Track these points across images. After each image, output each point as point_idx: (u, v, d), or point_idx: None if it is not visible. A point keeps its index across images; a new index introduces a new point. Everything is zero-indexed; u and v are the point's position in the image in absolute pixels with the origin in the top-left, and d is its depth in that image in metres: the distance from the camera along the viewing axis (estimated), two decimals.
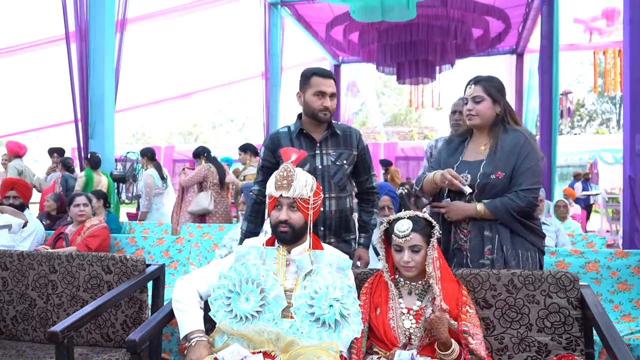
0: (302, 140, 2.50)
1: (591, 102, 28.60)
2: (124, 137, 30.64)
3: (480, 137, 2.36)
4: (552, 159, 7.98)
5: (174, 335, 3.03)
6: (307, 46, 11.73)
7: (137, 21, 8.40)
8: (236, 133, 33.63)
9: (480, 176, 2.23)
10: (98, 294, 2.51)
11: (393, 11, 6.45)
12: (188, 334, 1.85)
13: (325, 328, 1.84)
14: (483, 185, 2.22)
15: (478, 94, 2.28)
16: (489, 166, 2.23)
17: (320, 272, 1.91)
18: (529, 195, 2.18)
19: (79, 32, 5.78)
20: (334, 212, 2.47)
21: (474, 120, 2.30)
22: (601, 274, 3.11)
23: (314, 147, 2.49)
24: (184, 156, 14.38)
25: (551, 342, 2.00)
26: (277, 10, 9.34)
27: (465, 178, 2.25)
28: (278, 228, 1.94)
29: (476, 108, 2.28)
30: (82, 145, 5.91)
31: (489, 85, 2.29)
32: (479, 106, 2.28)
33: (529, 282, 2.05)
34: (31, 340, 2.58)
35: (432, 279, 1.90)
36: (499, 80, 2.35)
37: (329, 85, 2.45)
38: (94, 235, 3.58)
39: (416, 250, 1.91)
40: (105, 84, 5.85)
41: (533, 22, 9.26)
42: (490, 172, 2.21)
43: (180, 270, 3.67)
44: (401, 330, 1.90)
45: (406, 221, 1.93)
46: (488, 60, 11.64)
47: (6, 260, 2.66)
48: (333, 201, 2.47)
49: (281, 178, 1.94)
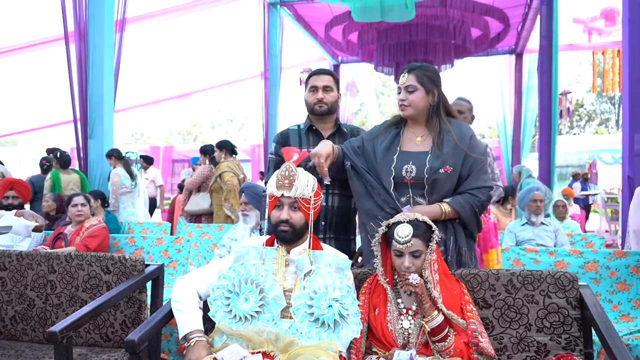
0: (310, 137, 2.56)
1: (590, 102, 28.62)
2: (123, 137, 30.64)
3: (415, 127, 2.27)
4: (551, 159, 7.97)
5: (172, 335, 3.03)
6: (307, 46, 11.72)
7: (136, 21, 8.39)
8: (235, 133, 33.63)
9: (428, 171, 2.14)
10: (97, 294, 2.51)
11: (392, 11, 6.46)
12: (187, 334, 1.85)
13: (325, 328, 1.83)
14: (433, 181, 2.14)
15: (411, 83, 2.19)
16: (436, 160, 2.15)
17: (320, 273, 1.91)
18: (488, 190, 2.19)
19: (78, 32, 5.77)
20: (336, 208, 2.50)
21: (406, 110, 2.22)
22: (600, 274, 3.11)
23: None
24: (183, 156, 14.38)
25: (550, 342, 2.00)
26: (276, 10, 9.34)
27: (410, 169, 2.17)
28: (279, 227, 1.94)
29: (409, 98, 2.20)
30: (81, 145, 5.91)
31: (422, 74, 2.19)
32: (411, 96, 2.19)
33: (528, 282, 2.05)
34: (30, 340, 2.58)
35: (429, 283, 1.89)
36: (434, 69, 2.26)
37: (321, 80, 2.53)
38: (93, 235, 3.58)
39: (417, 255, 1.88)
40: (104, 83, 5.84)
41: (532, 22, 9.26)
42: (438, 166, 2.14)
43: (180, 271, 3.67)
44: (400, 331, 1.90)
45: (406, 226, 1.88)
46: (487, 60, 11.63)
47: (5, 261, 2.66)
48: (336, 197, 2.50)
49: (283, 178, 1.94)
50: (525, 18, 9.40)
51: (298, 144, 2.54)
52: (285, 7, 9.36)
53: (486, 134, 28.29)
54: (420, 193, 2.17)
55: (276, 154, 2.59)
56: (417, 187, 2.16)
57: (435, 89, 2.21)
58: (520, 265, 3.23)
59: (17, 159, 16.32)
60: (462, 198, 2.15)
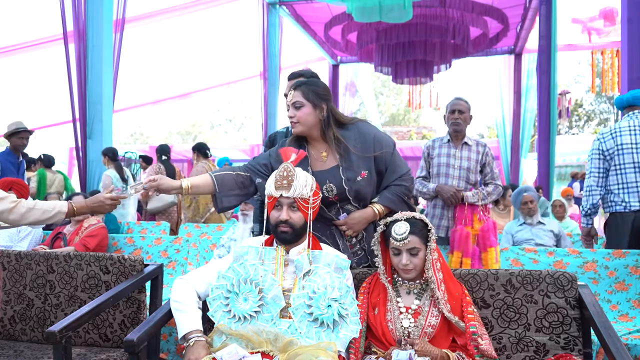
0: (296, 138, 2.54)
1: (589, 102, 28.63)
2: (122, 137, 30.61)
3: (316, 144, 2.24)
4: (550, 158, 8.00)
5: (172, 335, 3.03)
6: (306, 46, 11.73)
7: (136, 21, 8.40)
8: (234, 133, 33.62)
9: (347, 183, 2.15)
10: (96, 294, 2.50)
11: (391, 12, 6.47)
12: (186, 334, 1.84)
13: (324, 328, 1.83)
14: (356, 191, 2.16)
15: (297, 99, 2.16)
16: (349, 171, 2.16)
17: (319, 272, 1.91)
18: (409, 176, 2.25)
19: (77, 31, 5.78)
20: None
21: (296, 127, 2.19)
22: (599, 274, 3.11)
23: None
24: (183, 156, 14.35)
25: (549, 342, 2.00)
26: (276, 10, 9.34)
27: (330, 188, 2.16)
28: (278, 228, 1.94)
29: (297, 114, 2.16)
30: (80, 145, 5.91)
31: (307, 89, 2.16)
32: (299, 112, 2.16)
33: (527, 282, 2.05)
34: (29, 340, 2.57)
35: (433, 283, 1.90)
36: (322, 84, 2.23)
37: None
38: (92, 235, 3.58)
39: (414, 252, 1.90)
40: (103, 83, 5.85)
41: (531, 22, 9.27)
42: (353, 176, 2.15)
43: (179, 270, 3.67)
44: (400, 330, 1.90)
45: (403, 224, 1.91)
46: (486, 60, 11.64)
47: (4, 260, 2.65)
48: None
49: (281, 178, 1.94)
50: (524, 18, 9.41)
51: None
52: (284, 7, 9.37)
53: (485, 133, 28.30)
54: (346, 203, 2.21)
55: None
56: (342, 200, 2.20)
57: (324, 103, 2.17)
58: (519, 265, 3.23)
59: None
60: (389, 192, 2.21)
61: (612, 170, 3.40)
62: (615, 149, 3.37)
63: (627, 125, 3.38)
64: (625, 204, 3.31)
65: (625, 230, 3.31)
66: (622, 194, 3.33)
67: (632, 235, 3.30)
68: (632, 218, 3.29)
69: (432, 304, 1.92)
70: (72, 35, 5.80)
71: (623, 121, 3.44)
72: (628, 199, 3.30)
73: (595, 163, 3.48)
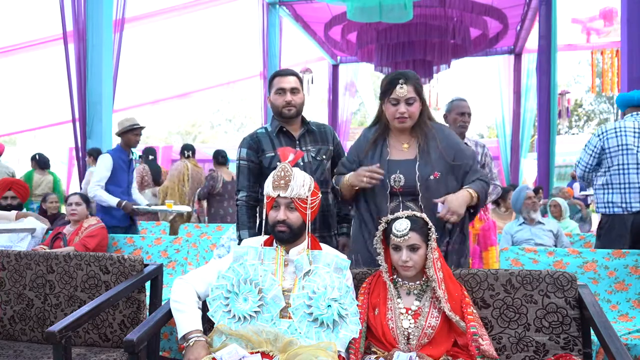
0: (281, 138, 2.56)
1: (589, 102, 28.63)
2: None
3: (400, 135, 2.26)
4: (550, 158, 8.00)
5: (172, 334, 3.03)
6: (305, 46, 11.72)
7: (135, 21, 8.39)
8: (234, 133, 33.60)
9: (420, 178, 2.16)
10: (96, 294, 2.50)
11: (391, 12, 6.46)
12: (186, 334, 1.85)
13: (324, 328, 1.83)
14: (426, 188, 2.16)
15: (411, 95, 2.15)
16: (425, 167, 2.17)
17: (319, 273, 1.91)
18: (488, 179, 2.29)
19: (76, 31, 5.77)
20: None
21: (407, 122, 2.19)
22: (599, 274, 3.11)
23: (294, 145, 2.54)
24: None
25: (549, 342, 2.00)
26: (275, 10, 9.34)
27: (398, 179, 2.18)
28: (276, 228, 1.95)
29: (409, 110, 2.16)
30: (80, 145, 5.91)
31: (417, 83, 2.17)
32: (412, 108, 2.16)
33: (526, 282, 2.05)
34: (29, 340, 2.57)
35: (434, 282, 1.90)
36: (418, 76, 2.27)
37: (287, 81, 2.49)
38: (92, 235, 3.57)
39: (414, 249, 1.91)
40: (103, 83, 5.84)
41: (531, 22, 9.27)
42: (428, 173, 2.16)
43: (179, 270, 3.67)
44: (400, 330, 1.90)
45: (404, 220, 1.93)
46: (486, 60, 11.64)
47: (4, 260, 2.65)
48: None
49: (279, 178, 1.94)
50: (524, 18, 9.41)
51: (271, 147, 2.53)
52: (284, 6, 9.37)
53: (485, 133, 28.28)
54: (410, 199, 2.19)
55: (248, 159, 2.56)
56: (406, 194, 2.19)
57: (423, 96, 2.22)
58: (519, 265, 3.23)
59: (16, 158, 16.31)
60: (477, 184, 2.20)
61: (614, 169, 3.39)
62: (618, 148, 3.36)
63: (632, 125, 3.36)
64: (626, 205, 3.31)
65: (625, 232, 3.31)
66: (624, 193, 3.33)
67: (631, 236, 3.30)
68: (631, 220, 3.29)
69: (432, 305, 1.92)
70: (72, 35, 5.79)
71: (627, 121, 3.41)
72: (629, 200, 3.30)
73: (586, 158, 3.47)
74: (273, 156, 2.50)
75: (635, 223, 3.28)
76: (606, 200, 3.41)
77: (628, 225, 3.30)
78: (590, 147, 3.48)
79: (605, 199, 3.42)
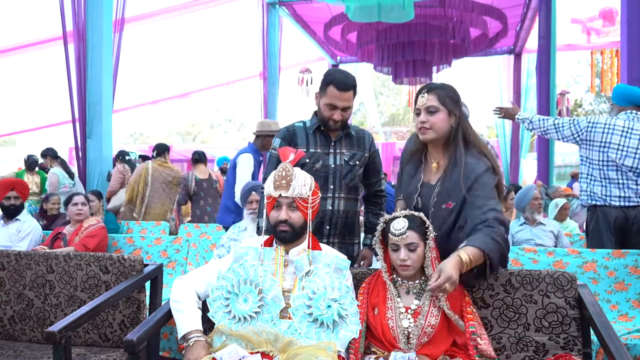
0: (317, 137, 2.49)
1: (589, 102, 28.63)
2: (121, 136, 30.58)
3: (434, 152, 2.14)
4: (549, 158, 8.01)
5: (172, 334, 3.03)
6: (305, 46, 11.73)
7: (135, 21, 8.39)
8: (234, 133, 33.61)
9: (434, 204, 2.06)
10: (96, 294, 2.50)
11: (391, 12, 6.45)
12: (186, 334, 1.85)
13: (323, 328, 1.84)
14: (435, 216, 2.04)
15: (432, 103, 2.04)
16: (442, 194, 2.05)
17: (318, 273, 1.91)
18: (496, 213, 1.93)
19: (76, 32, 5.77)
20: (342, 212, 2.46)
21: (428, 134, 2.06)
22: (599, 274, 3.11)
23: (328, 145, 2.48)
24: (182, 156, 14.34)
25: (549, 342, 2.00)
26: (275, 10, 9.34)
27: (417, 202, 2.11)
28: (278, 228, 1.95)
29: (430, 120, 2.04)
30: (79, 145, 5.91)
31: (443, 94, 2.05)
32: (433, 118, 2.04)
33: (526, 282, 2.05)
34: (29, 340, 2.57)
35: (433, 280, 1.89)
36: (455, 90, 2.11)
37: (343, 99, 2.35)
38: (92, 235, 3.58)
39: (412, 248, 1.91)
40: (103, 83, 5.84)
41: (531, 22, 9.28)
42: (442, 201, 2.04)
43: (178, 270, 3.67)
44: (400, 330, 1.91)
45: (402, 220, 1.93)
46: (486, 60, 11.64)
47: (4, 260, 2.65)
48: (342, 201, 2.46)
49: (280, 178, 1.95)
50: (524, 18, 9.42)
51: (305, 143, 2.46)
52: (284, 6, 9.37)
53: (485, 133, 28.30)
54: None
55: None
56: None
57: (457, 110, 2.06)
58: (518, 265, 3.23)
59: (16, 158, 16.31)
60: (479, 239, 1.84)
61: (594, 163, 3.40)
62: (600, 144, 3.36)
63: (621, 125, 3.34)
64: (606, 198, 3.34)
65: (607, 229, 3.33)
66: (604, 186, 3.36)
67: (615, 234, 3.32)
68: (614, 216, 3.31)
69: (432, 304, 1.92)
70: (72, 35, 5.80)
71: (619, 119, 3.38)
72: (609, 193, 3.33)
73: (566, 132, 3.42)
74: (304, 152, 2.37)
75: (619, 218, 3.31)
76: (589, 190, 3.44)
77: (610, 220, 3.33)
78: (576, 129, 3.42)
79: (587, 188, 3.46)
